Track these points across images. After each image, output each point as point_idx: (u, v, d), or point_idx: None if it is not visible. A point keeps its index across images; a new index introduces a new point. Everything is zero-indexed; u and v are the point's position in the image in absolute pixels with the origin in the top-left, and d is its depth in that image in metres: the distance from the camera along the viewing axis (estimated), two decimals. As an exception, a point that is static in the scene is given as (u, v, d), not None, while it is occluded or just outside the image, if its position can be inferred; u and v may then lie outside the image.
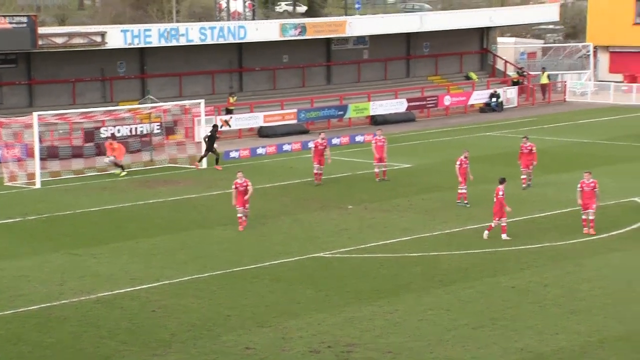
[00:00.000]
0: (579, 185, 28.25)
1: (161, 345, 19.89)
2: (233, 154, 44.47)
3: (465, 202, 32.70)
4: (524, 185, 34.81)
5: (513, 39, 76.41)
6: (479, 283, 23.91)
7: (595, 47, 71.71)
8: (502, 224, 28.08)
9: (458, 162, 33.11)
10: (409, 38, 64.46)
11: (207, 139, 42.11)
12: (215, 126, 43.61)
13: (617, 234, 28.45)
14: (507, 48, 73.30)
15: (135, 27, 51.77)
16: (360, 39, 62.38)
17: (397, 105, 58.14)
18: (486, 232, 28.20)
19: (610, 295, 22.62)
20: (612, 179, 35.07)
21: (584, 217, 28.02)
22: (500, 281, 24.04)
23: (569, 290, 23.15)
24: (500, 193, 28.13)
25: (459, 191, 32.89)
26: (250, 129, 53.05)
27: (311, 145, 39.36)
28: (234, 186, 30.13)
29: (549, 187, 35.19)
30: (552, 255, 26.38)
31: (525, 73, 67.23)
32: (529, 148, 35.33)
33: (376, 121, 55.87)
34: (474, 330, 20.47)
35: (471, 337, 20.11)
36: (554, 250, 26.91)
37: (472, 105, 61.94)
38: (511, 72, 68.62)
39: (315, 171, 37.50)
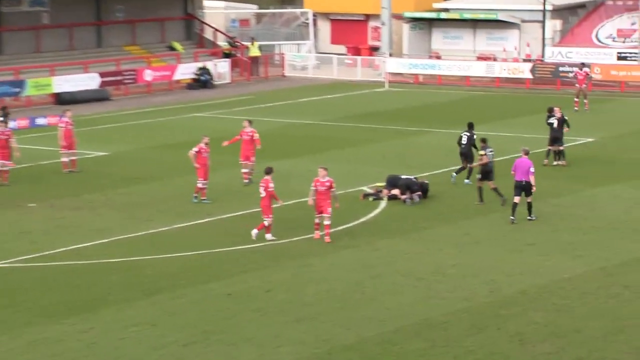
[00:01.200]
0: (313, 184, 28.42)
1: None
2: None
3: (204, 198, 32.50)
4: (245, 181, 35.03)
5: (223, 4, 77.30)
6: (190, 291, 24.03)
7: (314, 15, 74.00)
8: (265, 223, 28.17)
9: (196, 149, 32.50)
10: (98, 0, 63.56)
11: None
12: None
13: (344, 228, 29.51)
14: (216, 14, 74.08)
15: None
16: (37, 0, 60.72)
17: (87, 81, 57.38)
18: (255, 230, 28.18)
19: (339, 299, 23.48)
20: (338, 165, 36.33)
21: (317, 220, 28.44)
22: (215, 287, 24.30)
23: (294, 294, 23.79)
24: (272, 185, 28.22)
25: (200, 185, 32.64)
26: None
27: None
28: None
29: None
30: (274, 255, 26.97)
31: (237, 44, 68.26)
32: (250, 134, 35.38)
33: (62, 100, 54.84)
34: (185, 348, 20.55)
35: (182, 355, 20.17)
36: (277, 250, 27.52)
37: (178, 81, 62.12)
38: (222, 42, 69.40)
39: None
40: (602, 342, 20.68)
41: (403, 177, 33.10)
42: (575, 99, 50.98)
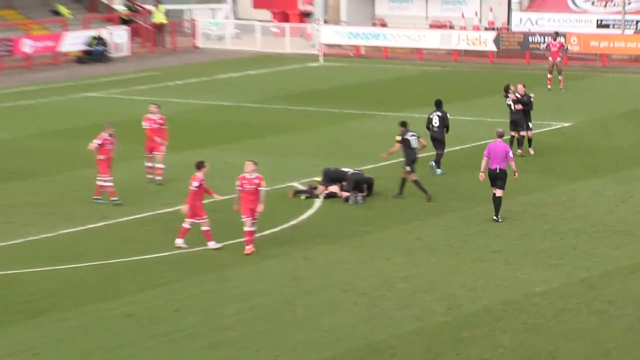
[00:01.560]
0: (238, 182, 28.06)
1: None
2: None
3: (115, 198, 32.26)
4: (148, 177, 34.78)
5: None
6: (81, 311, 23.87)
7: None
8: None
9: (99, 141, 32.18)
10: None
11: None
12: None
13: (271, 233, 29.51)
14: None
15: None
16: None
17: (-48, 53, 57.05)
18: (212, 242, 27.99)
19: (264, 320, 23.43)
20: (263, 157, 36.22)
21: (248, 228, 28.06)
22: (112, 307, 24.15)
23: (209, 315, 23.69)
24: (195, 183, 27.99)
25: (101, 183, 32.27)
26: None
27: None
28: None
29: (180, 171, 35.69)
30: (184, 267, 26.87)
31: (138, 8, 67.91)
32: (160, 122, 35.06)
33: None
34: (75, 382, 20.40)
35: (71, 391, 20.02)
36: (188, 260, 27.42)
37: (65, 54, 61.80)
38: (119, 6, 69.01)
39: None
40: (583, 369, 20.85)
41: (349, 170, 33.02)
42: (549, 76, 51.41)
